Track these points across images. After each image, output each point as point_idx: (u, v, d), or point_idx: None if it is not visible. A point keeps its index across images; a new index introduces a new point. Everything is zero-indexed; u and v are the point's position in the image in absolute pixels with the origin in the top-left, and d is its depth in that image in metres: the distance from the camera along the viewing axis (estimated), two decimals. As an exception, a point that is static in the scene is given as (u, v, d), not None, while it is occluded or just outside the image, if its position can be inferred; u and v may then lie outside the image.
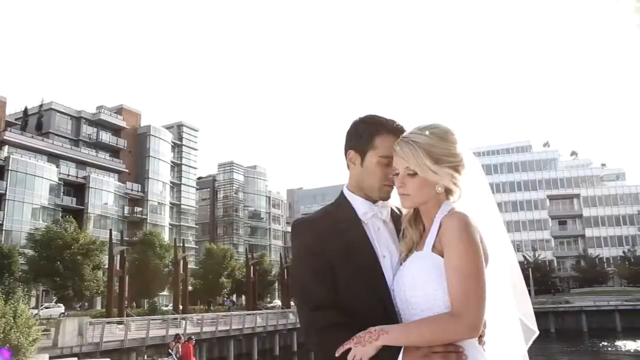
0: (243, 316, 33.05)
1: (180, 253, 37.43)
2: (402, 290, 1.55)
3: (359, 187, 1.73)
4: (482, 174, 1.69)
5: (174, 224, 69.53)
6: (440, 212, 1.57)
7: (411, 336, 1.45)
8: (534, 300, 55.29)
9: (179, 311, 33.92)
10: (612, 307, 48.65)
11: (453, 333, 1.43)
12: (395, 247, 1.69)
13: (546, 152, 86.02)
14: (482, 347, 1.54)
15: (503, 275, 1.66)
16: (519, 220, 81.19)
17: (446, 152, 1.56)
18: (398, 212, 1.77)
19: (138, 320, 27.12)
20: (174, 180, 71.33)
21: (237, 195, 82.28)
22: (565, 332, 45.91)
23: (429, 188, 1.57)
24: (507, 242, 1.69)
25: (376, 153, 1.67)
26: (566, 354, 36.26)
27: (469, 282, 1.42)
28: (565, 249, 79.89)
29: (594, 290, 62.88)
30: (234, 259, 59.95)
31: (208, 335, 28.62)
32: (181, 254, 37.44)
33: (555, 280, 74.06)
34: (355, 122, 1.75)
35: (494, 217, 1.67)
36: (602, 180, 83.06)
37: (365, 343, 1.45)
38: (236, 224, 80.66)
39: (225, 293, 59.72)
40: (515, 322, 1.68)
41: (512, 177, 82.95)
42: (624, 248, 73.35)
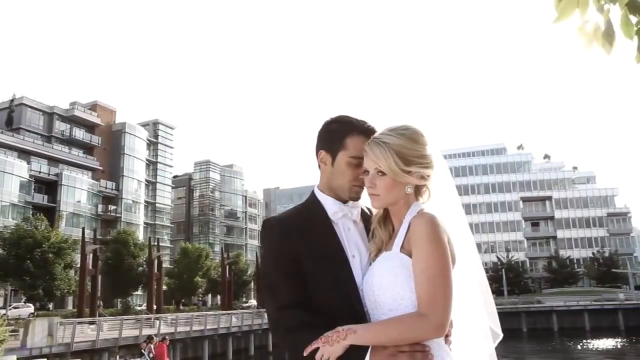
0: (218, 316, 32.84)
1: (154, 252, 37.03)
2: (371, 290, 1.56)
3: (330, 187, 1.74)
4: (450, 176, 1.71)
5: (149, 222, 68.67)
6: (409, 213, 1.58)
7: (378, 336, 1.46)
8: (506, 300, 56.32)
9: (152, 311, 33.54)
10: (581, 307, 49.77)
11: (419, 332, 1.45)
12: (365, 247, 1.70)
13: (520, 155, 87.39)
14: (449, 346, 1.56)
15: (470, 276, 1.68)
16: (493, 221, 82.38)
17: (416, 153, 1.58)
18: (368, 212, 1.78)
19: (110, 320, 26.74)
20: (149, 179, 70.43)
21: (213, 194, 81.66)
22: (537, 331, 46.80)
23: (398, 189, 1.58)
24: (472, 244, 1.72)
25: (347, 153, 1.68)
26: (537, 353, 36.95)
27: (435, 282, 1.44)
28: (538, 250, 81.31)
29: (565, 291, 64.20)
30: (210, 258, 59.49)
31: (182, 336, 28.36)
32: (155, 253, 37.04)
33: (527, 280, 75.34)
34: (326, 123, 1.75)
35: (460, 219, 1.70)
36: (573, 183, 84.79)
37: (333, 342, 1.46)
38: (212, 223, 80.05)
39: (200, 293, 59.24)
40: (481, 323, 1.70)
41: (487, 179, 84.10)
42: (593, 249, 75.00)
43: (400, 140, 1.57)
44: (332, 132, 1.71)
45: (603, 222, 79.54)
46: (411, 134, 1.59)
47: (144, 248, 45.97)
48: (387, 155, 1.55)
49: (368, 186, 1.62)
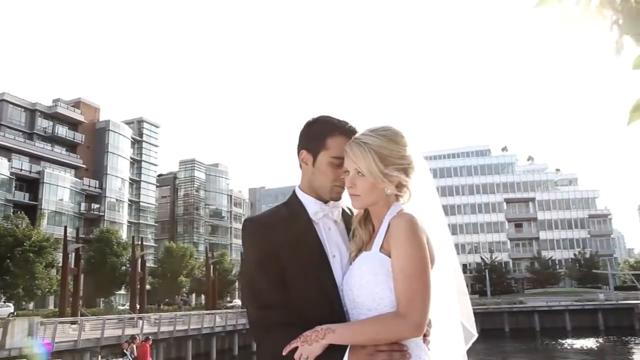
0: (202, 316, 32.64)
1: (138, 251, 36.69)
2: (350, 290, 1.57)
3: (311, 187, 1.74)
4: (431, 177, 1.72)
5: (133, 221, 68.05)
6: (389, 213, 1.59)
7: (357, 335, 1.47)
8: (490, 300, 56.85)
9: (136, 310, 33.25)
10: (562, 308, 50.39)
11: (398, 332, 1.45)
12: (345, 247, 1.71)
13: (504, 157, 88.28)
14: (427, 346, 1.57)
15: (448, 276, 1.70)
16: (477, 222, 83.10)
17: (396, 154, 1.58)
18: (349, 212, 1.78)
19: (93, 320, 26.42)
20: (134, 177, 69.80)
21: (198, 193, 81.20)
22: (519, 331, 47.25)
23: (378, 189, 1.58)
24: (451, 245, 1.74)
25: (328, 154, 1.68)
26: (519, 353, 37.33)
27: (414, 282, 1.45)
28: (521, 251, 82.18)
29: (547, 291, 64.96)
30: (194, 257, 59.24)
31: (165, 335, 28.12)
32: (139, 252, 36.72)
33: (510, 281, 76.14)
34: (308, 123, 1.75)
35: (440, 220, 1.71)
36: (556, 185, 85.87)
37: (312, 342, 1.47)
38: (197, 222, 79.62)
39: (184, 292, 58.92)
40: (458, 323, 1.72)
41: (471, 180, 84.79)
42: (574, 250, 76.06)
43: (380, 141, 1.58)
44: (314, 132, 1.72)
45: (584, 224, 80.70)
46: (391, 134, 1.60)
47: (128, 247, 45.57)
48: (367, 155, 1.56)
49: (348, 186, 1.62)
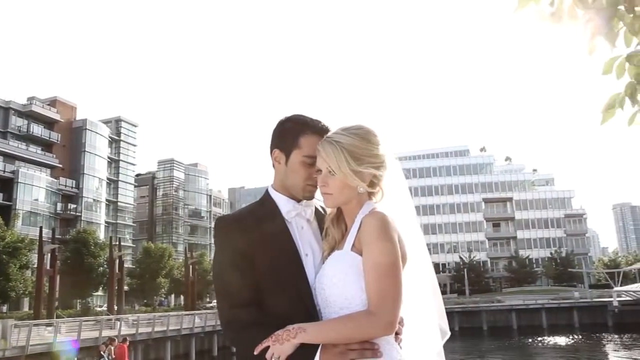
0: (181, 316, 32.36)
1: (115, 251, 36.22)
2: (322, 289, 1.57)
3: (283, 186, 1.74)
4: (403, 176, 1.73)
5: (111, 221, 67.14)
6: (361, 212, 1.59)
7: (328, 334, 1.47)
8: (468, 299, 57.51)
9: (113, 312, 32.81)
10: (539, 306, 51.23)
11: (369, 331, 1.46)
12: (318, 246, 1.72)
13: (482, 157, 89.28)
14: (399, 344, 1.58)
15: (420, 275, 1.70)
16: (455, 222, 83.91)
17: (368, 152, 1.59)
18: (322, 211, 1.79)
19: (69, 322, 25.98)
20: (111, 177, 68.86)
21: (177, 193, 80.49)
22: (497, 329, 47.87)
23: (350, 188, 1.58)
24: (423, 244, 1.75)
25: (300, 152, 1.68)
26: (497, 351, 37.81)
27: (385, 281, 1.45)
28: (499, 250, 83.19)
29: (524, 290, 65.91)
30: (173, 258, 58.75)
31: (144, 337, 27.80)
32: (117, 253, 36.25)
33: (488, 280, 77.06)
34: (281, 121, 1.75)
35: (412, 219, 1.72)
36: (533, 185, 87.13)
37: (283, 341, 1.47)
38: (176, 222, 78.93)
39: (163, 293, 58.37)
40: (431, 321, 1.73)
41: (450, 180, 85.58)
42: (551, 249, 77.35)
43: (352, 140, 1.58)
44: (286, 131, 1.72)
45: (560, 223, 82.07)
46: (363, 133, 1.60)
47: (105, 247, 44.91)
48: (339, 154, 1.56)
49: (320, 185, 1.62)
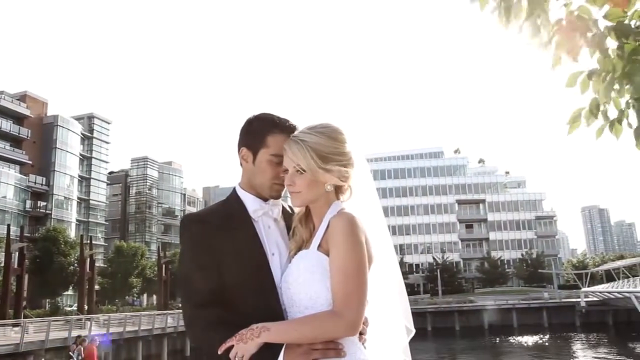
0: (153, 316, 31.97)
1: (87, 250, 35.61)
2: (288, 288, 1.57)
3: (251, 184, 1.74)
4: (370, 175, 1.73)
5: (82, 219, 65.89)
6: (329, 212, 1.59)
7: (292, 333, 1.47)
8: (441, 300, 58.21)
9: (84, 311, 32.24)
10: (510, 306, 52.19)
11: (333, 331, 1.46)
12: (285, 245, 1.71)
13: (456, 159, 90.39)
14: (363, 344, 1.58)
15: (386, 275, 1.71)
16: (429, 223, 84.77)
17: (335, 151, 1.59)
18: (290, 210, 1.79)
19: (37, 322, 25.43)
20: (83, 174, 67.58)
21: (150, 191, 79.46)
22: (469, 329, 48.57)
23: (317, 186, 1.59)
24: (390, 244, 1.76)
25: (268, 151, 1.68)
26: (469, 350, 38.37)
27: (350, 281, 1.46)
28: (471, 251, 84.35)
29: (495, 290, 67.06)
30: (146, 257, 58.00)
31: (115, 337, 27.38)
32: (88, 251, 35.65)
33: (461, 280, 78.07)
34: (248, 120, 1.75)
35: (379, 219, 1.73)
36: (505, 187, 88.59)
37: (247, 340, 1.47)
38: (149, 221, 77.90)
39: (135, 292, 57.61)
40: (396, 320, 1.74)
41: (424, 181, 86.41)
42: (522, 251, 78.79)
43: (318, 138, 1.58)
44: (254, 130, 1.71)
45: (531, 225, 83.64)
46: (330, 132, 1.61)
47: (76, 246, 44.04)
48: (305, 153, 1.56)
49: (287, 184, 1.62)
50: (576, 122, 1.74)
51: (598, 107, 1.68)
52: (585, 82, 1.70)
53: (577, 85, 1.71)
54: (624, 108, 1.67)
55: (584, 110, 1.72)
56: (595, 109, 1.68)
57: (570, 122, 1.77)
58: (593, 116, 1.68)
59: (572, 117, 1.75)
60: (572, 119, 1.75)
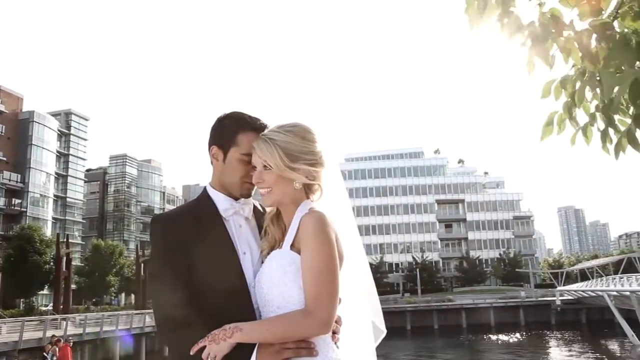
0: (131, 316, 31.63)
1: (63, 249, 35.05)
2: (261, 288, 1.57)
3: (221, 183, 1.73)
4: (340, 175, 1.74)
5: (59, 217, 64.83)
6: (299, 211, 1.59)
7: (264, 333, 1.47)
8: (420, 299, 58.68)
9: (59, 311, 31.71)
10: (487, 305, 52.89)
11: (305, 330, 1.47)
12: (256, 244, 1.71)
13: (436, 159, 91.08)
14: (336, 343, 1.59)
15: (357, 274, 1.72)
16: (409, 222, 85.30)
17: (304, 149, 1.59)
18: (262, 209, 1.78)
19: (10, 322, 24.94)
20: (60, 172, 66.46)
21: (129, 189, 78.55)
22: (447, 328, 49.06)
23: (285, 184, 1.59)
24: (359, 243, 1.77)
25: (238, 150, 1.68)
26: (447, 349, 38.74)
27: (322, 280, 1.47)
28: (450, 251, 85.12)
29: (473, 289, 67.88)
30: (124, 256, 57.35)
31: (91, 337, 27.03)
32: (64, 250, 35.11)
33: (440, 280, 78.78)
34: (219, 118, 1.74)
35: (349, 218, 1.73)
36: (484, 187, 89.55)
37: (220, 340, 1.46)
38: (127, 219, 77.01)
39: (113, 292, 56.94)
40: (367, 320, 1.75)
41: (405, 181, 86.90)
42: (500, 250, 79.82)
43: (286, 137, 1.59)
44: (225, 128, 1.71)
45: (509, 225, 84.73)
46: (298, 130, 1.61)
47: (52, 245, 43.32)
48: (273, 151, 1.57)
49: (256, 182, 1.63)
50: (549, 126, 1.77)
51: (571, 110, 1.71)
52: (558, 88, 1.73)
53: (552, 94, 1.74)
54: (594, 111, 1.71)
55: (557, 114, 1.75)
56: (568, 112, 1.71)
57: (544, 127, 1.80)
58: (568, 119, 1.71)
59: (546, 121, 1.78)
60: (546, 123, 1.78)
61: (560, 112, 1.73)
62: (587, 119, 1.71)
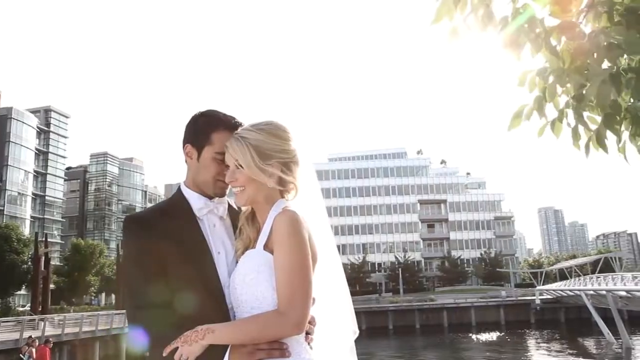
0: (111, 316, 31.26)
1: (41, 248, 34.46)
2: (234, 288, 1.56)
3: (195, 182, 1.72)
4: (315, 174, 1.73)
5: (37, 216, 63.83)
6: (273, 210, 1.58)
7: (237, 334, 1.46)
8: (402, 298, 59.00)
9: (37, 311, 31.20)
10: (468, 304, 53.40)
11: (278, 330, 1.46)
12: (231, 243, 1.69)
13: (419, 160, 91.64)
14: (310, 344, 1.58)
15: (330, 274, 1.71)
16: (392, 222, 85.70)
17: (277, 148, 1.58)
18: (238, 208, 1.76)
19: (-15, 323, 24.48)
20: (39, 169, 65.45)
21: (110, 188, 77.68)
22: (429, 327, 49.41)
23: (259, 183, 1.58)
24: (333, 243, 1.76)
25: (212, 149, 1.67)
26: (429, 348, 39.02)
27: (294, 280, 1.46)
28: (432, 251, 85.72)
29: (455, 289, 68.45)
30: (104, 255, 56.70)
31: (70, 337, 26.65)
32: (42, 249, 34.51)
33: (422, 279, 79.33)
34: (194, 117, 1.73)
35: (323, 218, 1.73)
36: (466, 187, 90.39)
37: (192, 342, 1.45)
38: (108, 218, 76.15)
39: (93, 292, 56.30)
40: (341, 320, 1.75)
41: (387, 181, 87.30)
42: (481, 250, 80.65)
43: (259, 135, 1.58)
44: (199, 127, 1.69)
45: (490, 225, 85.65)
46: (272, 129, 1.60)
47: (30, 244, 42.64)
48: (245, 150, 1.56)
49: (229, 181, 1.61)
50: (518, 118, 1.79)
51: (542, 105, 1.73)
52: (533, 80, 1.75)
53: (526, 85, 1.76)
54: (563, 107, 1.72)
55: (527, 107, 1.77)
56: (539, 106, 1.73)
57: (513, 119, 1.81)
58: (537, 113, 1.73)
59: (515, 112, 1.79)
60: (514, 115, 1.79)
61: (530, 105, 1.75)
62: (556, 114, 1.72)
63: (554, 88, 1.67)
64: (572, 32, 1.50)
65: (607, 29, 1.50)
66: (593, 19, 1.61)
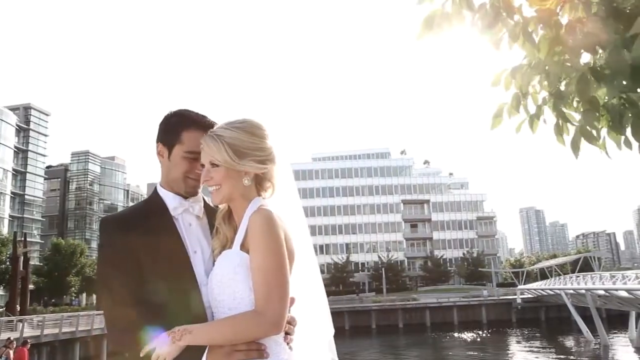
0: (92, 316, 30.87)
1: (20, 248, 33.92)
2: (212, 289, 1.55)
3: (167, 181, 1.71)
4: (291, 173, 1.73)
5: (16, 215, 62.79)
6: (249, 209, 1.57)
7: (214, 335, 1.45)
8: (385, 298, 59.24)
9: (15, 312, 30.69)
10: (451, 304, 53.81)
11: (255, 331, 1.45)
12: (207, 242, 1.68)
13: (402, 160, 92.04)
14: (289, 344, 1.56)
15: (307, 273, 1.71)
16: (375, 222, 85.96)
17: (253, 146, 1.57)
18: (215, 207, 1.75)
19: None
20: (18, 168, 64.39)
21: (91, 187, 76.70)
22: (412, 326, 49.67)
23: (235, 182, 1.57)
24: (309, 242, 1.75)
25: (182, 148, 1.66)
26: (411, 347, 39.24)
27: (270, 279, 1.45)
28: (415, 250, 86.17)
29: (438, 289, 68.92)
30: (85, 255, 56.02)
31: (50, 338, 26.26)
32: (21, 249, 33.97)
33: (405, 279, 79.71)
34: (167, 116, 1.73)
35: (299, 217, 1.72)
36: (449, 188, 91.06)
37: (169, 343, 1.44)
38: (89, 217, 75.16)
39: (73, 292, 55.59)
40: (319, 320, 1.75)
41: (371, 181, 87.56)
42: (464, 250, 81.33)
43: (234, 133, 1.57)
44: (171, 126, 1.69)
45: (473, 225, 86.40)
46: (247, 127, 1.59)
47: (8, 243, 41.98)
48: (220, 148, 1.55)
49: (204, 180, 1.60)
50: (499, 117, 1.80)
51: (519, 101, 1.74)
52: (508, 79, 1.75)
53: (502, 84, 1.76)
54: (541, 104, 1.73)
55: (506, 105, 1.77)
56: (517, 103, 1.74)
57: (494, 117, 1.82)
58: (515, 110, 1.74)
59: (495, 112, 1.80)
60: (495, 114, 1.80)
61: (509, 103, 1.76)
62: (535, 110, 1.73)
63: (527, 82, 1.67)
64: (550, 22, 1.51)
65: (584, 19, 1.51)
66: (569, 9, 1.62)
